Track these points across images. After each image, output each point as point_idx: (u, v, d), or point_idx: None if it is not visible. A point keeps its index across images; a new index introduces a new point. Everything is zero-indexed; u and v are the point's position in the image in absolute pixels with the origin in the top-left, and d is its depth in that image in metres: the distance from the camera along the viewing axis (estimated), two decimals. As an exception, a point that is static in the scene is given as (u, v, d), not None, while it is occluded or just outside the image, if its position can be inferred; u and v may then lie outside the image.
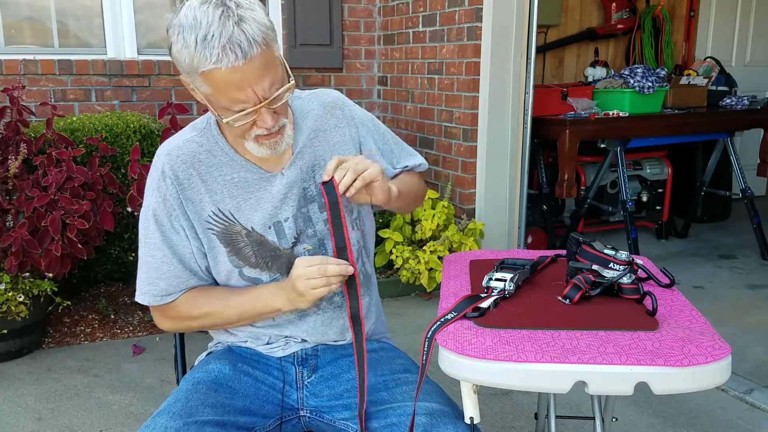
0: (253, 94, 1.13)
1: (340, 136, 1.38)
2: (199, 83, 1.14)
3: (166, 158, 1.29)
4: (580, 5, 4.87)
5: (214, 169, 1.29)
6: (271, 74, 1.14)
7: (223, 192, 1.29)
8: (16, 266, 2.62)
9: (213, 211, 1.29)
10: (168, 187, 1.27)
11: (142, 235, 1.31)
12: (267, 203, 1.30)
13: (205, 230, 1.29)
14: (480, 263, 1.46)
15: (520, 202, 3.60)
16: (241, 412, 1.25)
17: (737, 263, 4.06)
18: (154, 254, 1.29)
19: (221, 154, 1.30)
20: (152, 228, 1.29)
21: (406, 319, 3.22)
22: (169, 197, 1.27)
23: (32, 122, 3.19)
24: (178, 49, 1.13)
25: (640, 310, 1.16)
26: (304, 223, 1.33)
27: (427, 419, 1.18)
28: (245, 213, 1.30)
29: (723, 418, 2.35)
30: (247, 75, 1.10)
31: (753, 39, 5.56)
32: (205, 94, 1.16)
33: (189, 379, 1.31)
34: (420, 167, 1.51)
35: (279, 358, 1.38)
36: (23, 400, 2.46)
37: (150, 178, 1.31)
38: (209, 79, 1.12)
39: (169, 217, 1.28)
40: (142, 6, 3.80)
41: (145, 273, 1.31)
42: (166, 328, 1.38)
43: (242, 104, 1.14)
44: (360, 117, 1.42)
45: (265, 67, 1.13)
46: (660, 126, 3.96)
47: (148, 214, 1.29)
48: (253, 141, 1.22)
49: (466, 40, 3.44)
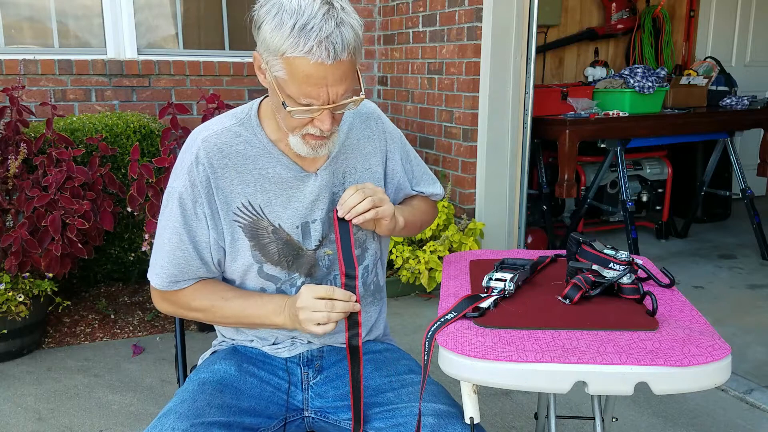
0: (326, 94, 1.14)
1: (371, 147, 1.40)
2: (278, 66, 1.14)
3: (202, 144, 1.28)
4: (580, 5, 4.87)
5: (250, 161, 1.29)
6: (348, 82, 1.16)
7: (256, 185, 1.29)
8: (16, 266, 2.62)
9: (243, 203, 1.28)
10: (200, 173, 1.26)
11: (162, 217, 1.30)
12: (298, 202, 1.30)
13: (230, 222, 1.29)
14: (480, 263, 1.46)
15: (520, 202, 3.60)
16: (246, 413, 1.25)
17: (737, 263, 4.06)
18: (171, 238, 1.28)
19: (259, 146, 1.30)
20: (175, 211, 1.28)
21: (406, 319, 3.22)
22: (199, 183, 1.26)
23: (32, 122, 3.19)
24: (271, 27, 1.12)
25: (640, 310, 1.16)
26: (330, 228, 1.33)
27: (435, 420, 1.18)
28: (275, 209, 1.30)
29: (723, 418, 2.35)
30: (328, 75, 1.12)
31: (753, 39, 5.56)
32: (277, 77, 1.16)
33: (194, 380, 1.31)
34: (436, 197, 1.52)
35: (285, 359, 1.38)
36: (23, 400, 2.46)
37: (181, 160, 1.30)
38: (291, 65, 1.12)
39: (194, 202, 1.27)
40: (142, 6, 3.80)
41: (159, 255, 1.30)
42: (164, 310, 1.37)
43: (311, 99, 1.15)
44: (391, 131, 1.44)
45: (346, 74, 1.14)
46: (660, 126, 3.96)
47: (173, 196, 1.28)
48: (301, 137, 1.23)
49: (466, 40, 3.44)
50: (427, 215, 1.51)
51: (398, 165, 1.43)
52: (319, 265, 1.33)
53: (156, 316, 3.21)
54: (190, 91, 3.87)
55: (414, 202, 1.48)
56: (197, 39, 4.00)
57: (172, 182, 1.30)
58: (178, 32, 3.95)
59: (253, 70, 1.29)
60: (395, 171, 1.43)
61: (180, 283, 1.30)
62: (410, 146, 1.50)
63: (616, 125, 3.80)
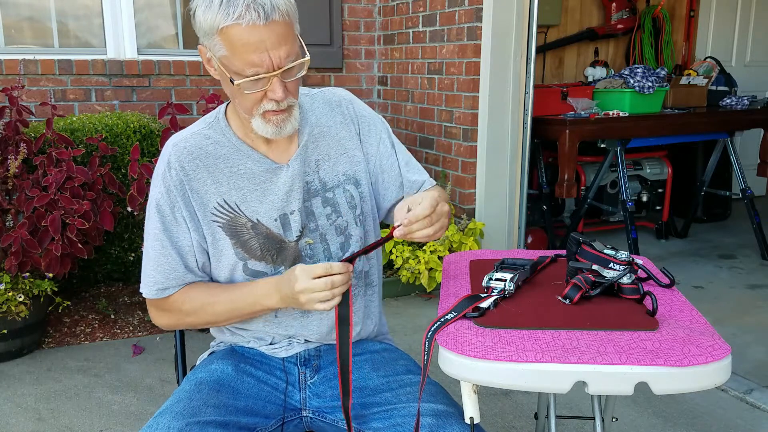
0: (269, 59, 1.15)
1: (345, 132, 1.39)
2: (218, 45, 1.16)
3: (173, 149, 1.31)
4: (580, 5, 4.87)
5: (221, 160, 1.30)
6: (288, 44, 1.17)
7: (229, 183, 1.30)
8: (16, 266, 2.62)
9: (219, 202, 1.29)
10: (173, 177, 1.28)
11: (146, 228, 1.32)
12: (273, 195, 1.31)
13: (209, 222, 1.30)
14: (480, 263, 1.46)
15: (520, 202, 3.60)
16: (243, 413, 1.25)
17: (737, 263, 4.06)
18: (154, 245, 1.30)
19: (228, 145, 1.31)
20: (155, 219, 1.30)
21: (406, 319, 3.22)
22: (173, 188, 1.28)
23: (32, 122, 3.19)
24: (202, 11, 1.16)
25: (640, 310, 1.16)
26: (307, 217, 1.33)
27: (433, 420, 1.18)
28: (251, 205, 1.30)
29: (723, 418, 2.35)
30: (265, 38, 1.13)
31: (753, 39, 5.55)
32: (220, 57, 1.18)
33: (191, 379, 1.31)
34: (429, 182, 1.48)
35: (282, 359, 1.38)
36: (23, 400, 2.46)
37: (156, 170, 1.33)
38: (228, 38, 1.14)
39: (171, 208, 1.29)
40: (142, 6, 3.80)
41: (146, 265, 1.32)
42: (162, 324, 1.38)
43: (256, 68, 1.16)
44: (365, 115, 1.43)
45: (284, 37, 1.16)
46: (660, 126, 3.96)
47: (152, 206, 1.31)
48: (261, 117, 1.23)
49: (466, 40, 3.44)
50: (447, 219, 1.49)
51: (374, 148, 1.41)
52: (302, 255, 1.33)
53: (156, 316, 3.21)
54: (190, 91, 3.87)
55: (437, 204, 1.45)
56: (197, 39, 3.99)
57: (150, 192, 1.32)
58: (178, 32, 3.95)
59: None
60: (373, 154, 1.41)
61: (168, 290, 1.31)
62: (394, 136, 1.47)
63: (616, 125, 3.80)
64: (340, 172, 1.37)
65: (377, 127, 1.43)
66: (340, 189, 1.36)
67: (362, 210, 1.39)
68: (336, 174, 1.36)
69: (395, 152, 1.44)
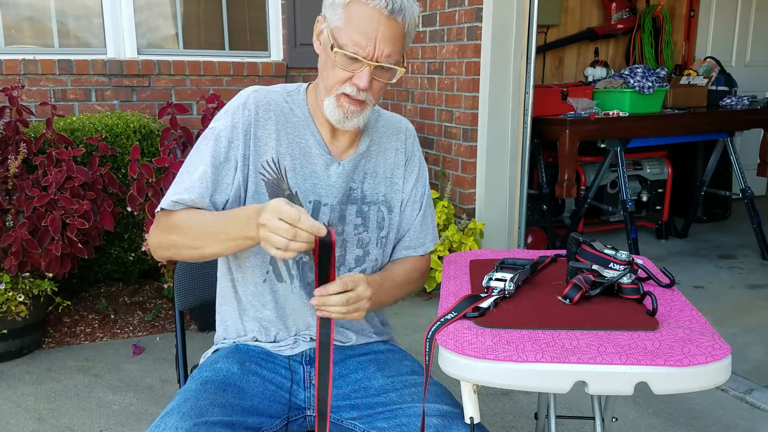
0: (373, 48, 1.20)
1: (396, 159, 1.43)
2: (337, 16, 1.22)
3: (253, 94, 1.34)
4: (580, 5, 4.87)
5: (290, 125, 1.34)
6: (396, 46, 1.23)
7: (288, 148, 1.33)
8: (16, 266, 2.62)
9: (273, 157, 1.32)
10: (244, 116, 1.31)
11: (195, 150, 1.32)
12: (317, 180, 1.34)
13: (256, 173, 1.31)
14: (480, 263, 1.46)
15: (520, 202, 3.60)
16: (249, 412, 1.25)
17: (737, 263, 4.06)
18: (197, 168, 1.28)
19: (301, 116, 1.36)
20: (210, 146, 1.30)
21: (406, 319, 3.22)
22: (240, 126, 1.30)
23: (32, 122, 3.19)
24: None
25: (640, 310, 1.16)
26: (339, 218, 1.36)
27: (439, 420, 1.18)
28: (297, 177, 1.33)
29: (723, 418, 2.35)
30: (380, 28, 1.20)
31: (753, 39, 5.55)
32: (333, 28, 1.23)
33: (197, 378, 1.30)
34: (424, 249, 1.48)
35: (287, 357, 1.38)
36: (23, 400, 2.46)
37: (227, 106, 1.34)
38: (349, 11, 1.20)
39: (229, 143, 1.30)
40: (142, 6, 3.80)
41: (178, 182, 1.29)
42: (151, 242, 1.31)
43: (358, 48, 1.21)
44: (418, 155, 1.47)
45: (395, 37, 1.22)
46: (660, 126, 3.96)
47: (210, 134, 1.31)
48: (335, 99, 1.27)
49: (466, 40, 3.44)
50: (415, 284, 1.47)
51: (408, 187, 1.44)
52: None
53: (156, 316, 3.21)
54: (190, 91, 3.87)
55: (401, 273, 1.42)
56: (197, 39, 4.00)
57: (213, 123, 1.33)
58: (178, 32, 3.95)
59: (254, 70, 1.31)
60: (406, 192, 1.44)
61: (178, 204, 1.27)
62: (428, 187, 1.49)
63: (616, 125, 3.80)
64: (381, 192, 1.41)
65: (419, 172, 1.47)
66: (376, 207, 1.40)
67: (387, 234, 1.42)
68: (377, 192, 1.40)
69: (422, 203, 1.47)
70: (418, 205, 1.46)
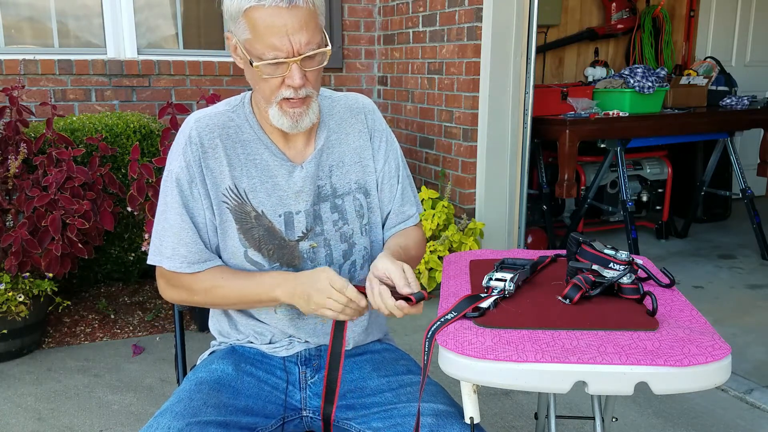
0: (289, 44, 1.16)
1: (362, 141, 1.39)
2: (242, 28, 1.18)
3: (195, 124, 1.30)
4: (580, 5, 4.87)
5: (239, 145, 1.31)
6: (311, 31, 1.18)
7: (242, 170, 1.30)
8: (16, 266, 2.62)
9: (229, 185, 1.29)
10: (193, 152, 1.28)
11: (162, 201, 1.31)
12: (282, 192, 1.31)
13: (219, 203, 1.30)
14: (480, 263, 1.46)
15: (520, 202, 3.60)
16: (243, 412, 1.25)
17: (737, 263, 4.06)
18: (174, 218, 1.28)
19: (249, 132, 1.32)
20: (174, 192, 1.28)
21: (406, 319, 3.21)
22: (192, 163, 1.28)
23: (32, 122, 3.19)
24: None
25: (640, 310, 1.16)
26: (314, 220, 1.33)
27: (434, 420, 1.18)
28: (258, 196, 1.30)
29: (723, 418, 2.35)
30: (288, 21, 1.15)
31: (753, 39, 5.55)
32: (244, 42, 1.19)
33: (191, 379, 1.30)
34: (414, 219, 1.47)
35: (282, 358, 1.38)
36: (23, 400, 2.46)
37: (176, 143, 1.32)
38: (252, 20, 1.16)
39: (190, 183, 1.28)
40: (142, 6, 3.80)
41: (163, 236, 1.29)
42: (169, 297, 1.35)
43: (276, 52, 1.17)
44: (381, 130, 1.42)
45: (306, 23, 1.17)
46: (660, 126, 3.96)
47: (170, 179, 1.29)
48: (278, 107, 1.24)
49: (466, 40, 3.44)
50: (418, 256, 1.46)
51: (380, 164, 1.41)
52: (303, 257, 1.33)
53: (156, 316, 3.21)
54: (190, 91, 3.87)
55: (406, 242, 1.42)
56: (197, 39, 4.00)
57: (168, 165, 1.31)
58: (178, 32, 3.95)
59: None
60: (378, 170, 1.41)
61: (195, 265, 1.29)
62: (401, 158, 1.46)
63: (616, 125, 3.80)
64: (352, 180, 1.37)
65: (387, 146, 1.43)
66: (350, 197, 1.37)
67: (369, 220, 1.40)
68: (348, 182, 1.37)
69: (398, 176, 1.44)
70: (396, 179, 1.43)
